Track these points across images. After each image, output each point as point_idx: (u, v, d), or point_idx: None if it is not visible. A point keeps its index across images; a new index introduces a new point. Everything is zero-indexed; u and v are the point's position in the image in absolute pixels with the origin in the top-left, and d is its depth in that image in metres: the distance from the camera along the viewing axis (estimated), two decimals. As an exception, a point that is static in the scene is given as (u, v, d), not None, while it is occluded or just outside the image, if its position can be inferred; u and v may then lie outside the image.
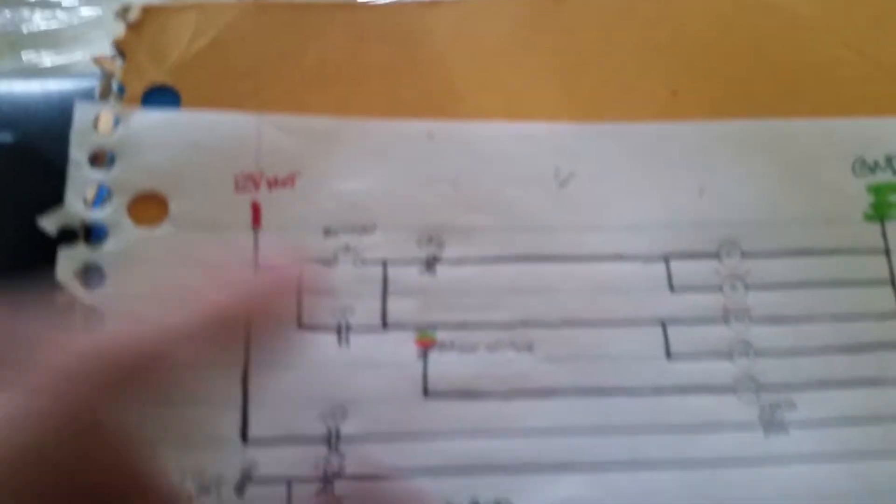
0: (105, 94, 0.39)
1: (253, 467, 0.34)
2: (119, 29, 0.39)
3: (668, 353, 0.36)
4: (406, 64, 0.40)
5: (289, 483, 0.34)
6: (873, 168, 0.39)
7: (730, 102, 0.40)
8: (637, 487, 0.35)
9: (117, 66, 0.39)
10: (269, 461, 0.34)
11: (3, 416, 0.23)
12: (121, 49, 0.39)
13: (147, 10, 0.40)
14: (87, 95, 0.39)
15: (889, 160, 0.39)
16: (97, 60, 0.39)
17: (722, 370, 0.36)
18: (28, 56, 0.46)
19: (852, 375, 0.36)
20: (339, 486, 0.34)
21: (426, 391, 0.35)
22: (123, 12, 0.40)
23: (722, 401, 0.36)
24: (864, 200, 0.39)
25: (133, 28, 0.39)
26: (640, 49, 0.41)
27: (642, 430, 0.35)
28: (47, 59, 0.46)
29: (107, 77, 0.39)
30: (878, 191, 0.39)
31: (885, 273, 0.38)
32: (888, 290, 0.37)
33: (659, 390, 0.36)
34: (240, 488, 0.34)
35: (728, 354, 0.36)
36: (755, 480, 0.35)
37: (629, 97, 0.40)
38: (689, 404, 0.36)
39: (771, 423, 0.36)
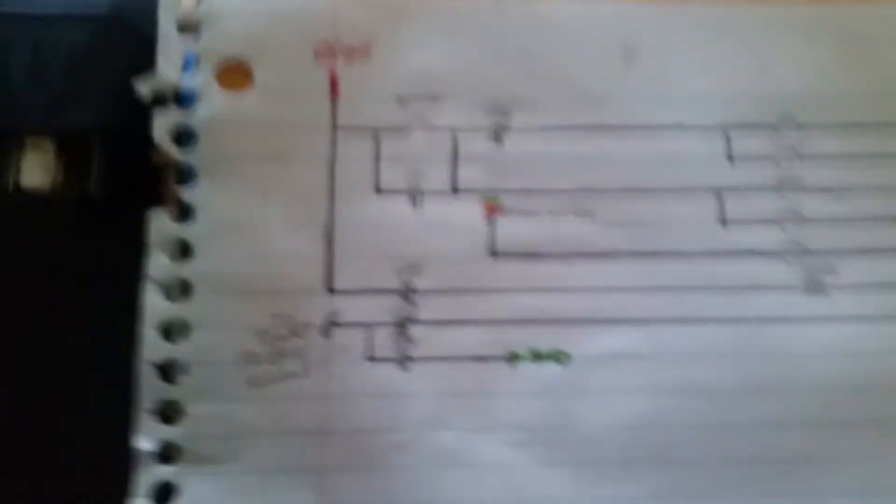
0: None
1: (337, 314, 0.37)
2: None
3: (723, 220, 0.39)
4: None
5: (368, 327, 0.37)
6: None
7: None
8: (684, 340, 0.38)
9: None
10: (351, 309, 0.38)
11: None
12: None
13: None
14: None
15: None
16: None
17: (771, 237, 0.39)
18: None
19: (892, 244, 0.38)
20: (413, 330, 0.38)
21: (492, 252, 0.38)
22: None
23: (769, 264, 0.38)
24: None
25: None
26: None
27: (692, 289, 0.38)
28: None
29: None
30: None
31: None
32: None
33: (711, 254, 0.38)
34: (325, 331, 0.37)
35: (778, 222, 0.39)
36: (795, 337, 0.38)
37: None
38: (738, 267, 0.38)
39: (813, 285, 0.38)
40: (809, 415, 0.37)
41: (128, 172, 0.38)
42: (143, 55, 0.39)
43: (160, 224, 0.38)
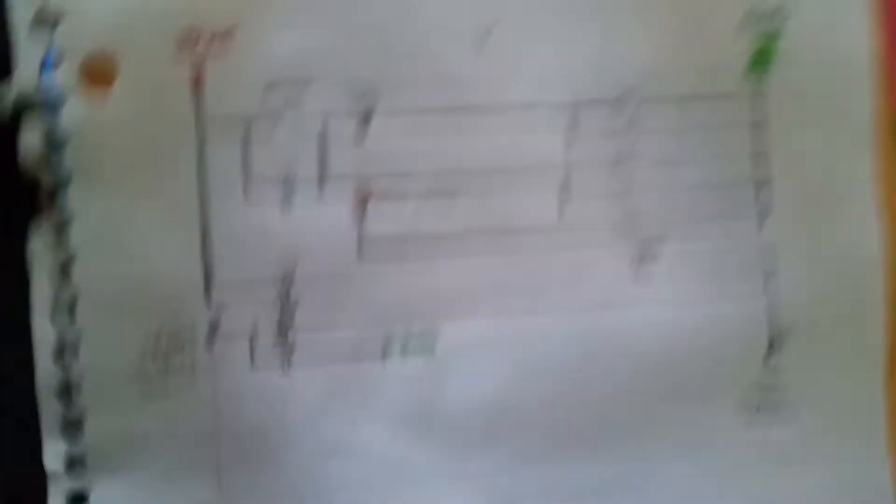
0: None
1: (218, 320, 0.39)
2: None
3: (567, 198, 0.42)
4: None
5: (250, 338, 0.40)
6: (760, 18, 0.43)
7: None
8: (530, 327, 0.42)
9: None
10: (232, 316, 0.39)
11: None
12: None
13: None
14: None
15: (776, 11, 0.43)
16: None
17: (608, 211, 0.42)
18: None
19: (714, 212, 0.43)
20: (293, 334, 0.40)
21: (360, 249, 0.41)
22: None
23: (601, 244, 0.42)
24: (749, 49, 0.43)
25: None
26: None
27: (537, 280, 0.42)
28: None
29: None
30: (762, 39, 0.43)
31: (760, 116, 0.43)
32: (760, 132, 0.43)
33: (553, 238, 0.42)
34: (209, 344, 0.39)
35: (615, 196, 0.42)
36: (624, 320, 0.43)
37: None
38: (576, 255, 0.42)
39: (638, 273, 0.42)
40: (635, 387, 0.42)
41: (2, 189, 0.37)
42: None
43: (38, 242, 0.37)
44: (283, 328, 0.39)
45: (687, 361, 0.42)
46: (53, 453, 0.38)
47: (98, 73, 0.37)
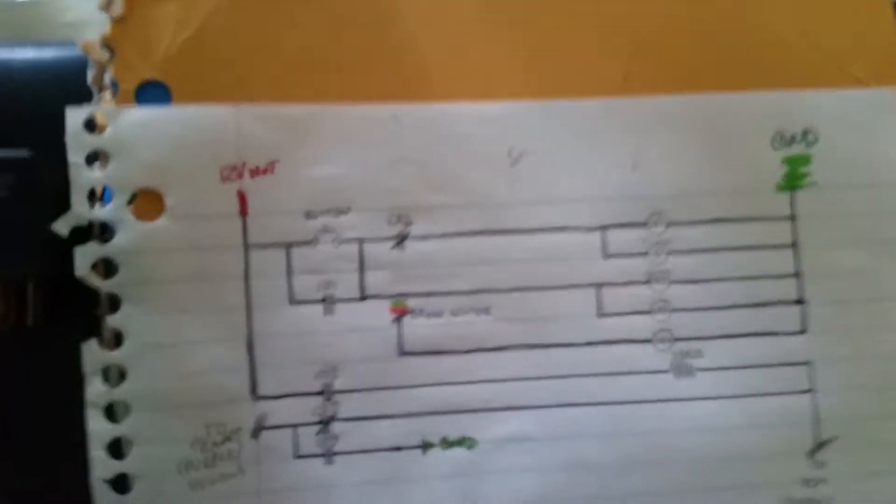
0: (97, 82, 0.41)
1: (264, 418, 0.42)
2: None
3: (600, 312, 0.43)
4: (380, 48, 0.43)
5: (294, 427, 0.42)
6: (790, 141, 0.43)
7: (676, 83, 0.44)
8: (570, 421, 0.43)
9: (106, 56, 0.41)
10: (277, 412, 0.42)
11: None
12: (109, 44, 0.41)
13: (130, 2, 0.41)
14: (80, 86, 0.41)
15: (805, 133, 0.43)
16: (85, 47, 0.41)
17: (643, 324, 0.43)
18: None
19: (751, 328, 0.44)
20: (335, 427, 0.42)
21: (401, 351, 0.43)
22: (107, 5, 0.41)
23: (641, 350, 0.43)
24: (778, 172, 0.44)
25: (118, 22, 0.41)
26: (599, 29, 0.44)
27: (575, 376, 0.43)
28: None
29: (98, 69, 0.41)
30: (791, 162, 0.43)
31: (789, 238, 0.44)
32: (790, 252, 0.44)
33: (590, 344, 0.43)
34: (255, 434, 0.42)
35: (649, 311, 0.43)
36: (665, 416, 0.43)
37: (585, 80, 0.43)
38: (614, 355, 0.43)
39: (681, 368, 0.43)
40: (678, 483, 0.43)
41: (64, 304, 0.41)
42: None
43: (92, 353, 0.41)
44: (327, 419, 0.42)
45: (730, 458, 0.43)
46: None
47: (146, 205, 0.41)
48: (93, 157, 0.41)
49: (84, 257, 0.40)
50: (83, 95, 0.41)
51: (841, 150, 0.44)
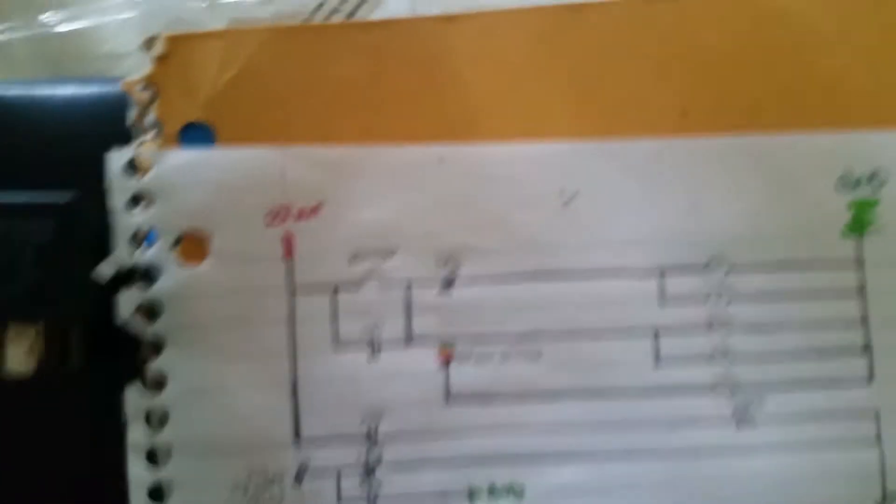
0: (139, 123, 0.41)
1: (307, 462, 0.41)
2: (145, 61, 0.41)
3: (658, 359, 0.41)
4: (425, 85, 0.41)
5: (337, 472, 0.41)
6: (855, 184, 0.41)
7: (736, 121, 0.42)
8: (628, 474, 0.42)
9: (147, 97, 0.40)
10: (320, 457, 0.41)
11: None
12: (151, 84, 0.41)
13: (173, 41, 0.41)
14: (122, 124, 0.41)
15: (872, 176, 0.41)
16: (127, 88, 0.40)
17: (702, 373, 0.41)
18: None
19: (816, 377, 0.42)
20: (379, 472, 0.41)
21: (448, 396, 0.41)
22: (149, 45, 0.40)
23: (701, 400, 0.41)
24: (844, 216, 0.42)
25: (161, 61, 0.41)
26: (655, 64, 0.42)
27: (632, 426, 0.41)
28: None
29: (140, 110, 0.41)
30: (857, 207, 0.42)
31: (855, 283, 0.42)
32: (855, 300, 0.42)
33: (647, 392, 0.41)
34: (298, 479, 0.41)
35: (709, 359, 0.42)
36: (727, 468, 0.41)
37: (642, 116, 0.42)
38: (673, 403, 0.41)
39: (743, 418, 0.41)
40: None
41: (107, 348, 0.41)
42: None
43: (135, 397, 0.40)
44: (370, 467, 0.41)
45: (798, 512, 0.41)
46: None
47: (191, 248, 0.41)
48: (135, 200, 0.40)
49: (127, 302, 0.40)
50: (123, 135, 0.41)
51: (908, 192, 0.41)
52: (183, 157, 0.40)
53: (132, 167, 0.40)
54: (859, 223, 0.42)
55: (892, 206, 0.42)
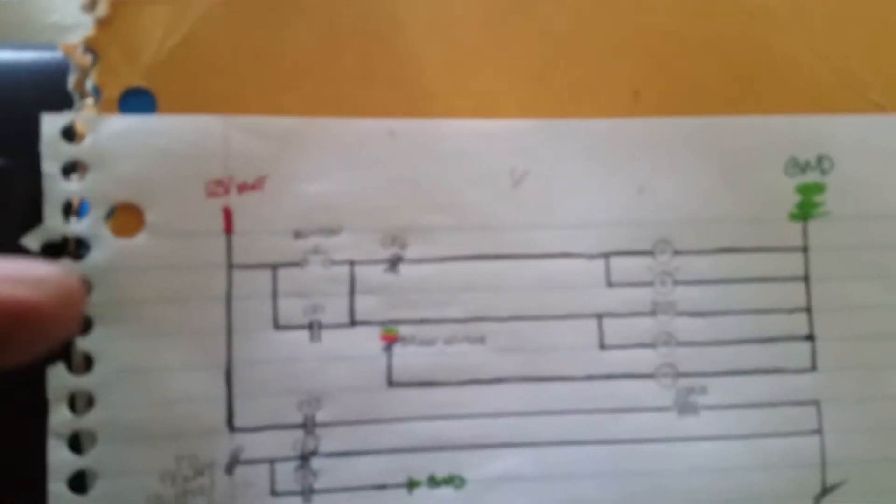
0: (78, 88, 0.39)
1: (240, 451, 0.39)
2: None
3: (602, 344, 0.41)
4: (378, 60, 0.41)
5: (271, 462, 0.39)
6: (804, 168, 0.42)
7: (688, 103, 0.42)
8: (568, 461, 0.41)
9: (88, 61, 0.39)
10: (254, 445, 0.39)
11: None
12: (92, 47, 0.39)
13: (116, 3, 0.39)
14: (61, 91, 0.39)
15: (820, 160, 0.42)
16: (66, 50, 0.39)
17: (646, 358, 0.41)
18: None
19: (759, 364, 0.42)
20: (315, 462, 0.40)
21: (390, 381, 0.40)
22: (90, 6, 0.39)
23: (643, 386, 0.41)
24: (791, 200, 0.42)
25: (103, 24, 0.39)
26: (609, 46, 0.42)
27: (574, 412, 0.41)
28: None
29: (80, 74, 0.39)
30: (805, 191, 0.42)
31: (800, 270, 0.42)
32: (801, 285, 0.42)
33: (591, 377, 0.41)
34: (229, 469, 0.39)
35: (652, 344, 0.41)
36: (667, 455, 0.41)
37: (594, 97, 0.42)
38: (616, 389, 0.41)
39: (685, 406, 0.41)
40: None
41: None
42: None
43: (58, 378, 0.38)
44: (307, 454, 0.40)
45: (734, 500, 0.41)
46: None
47: (125, 221, 0.39)
48: (70, 168, 0.39)
49: (57, 274, 0.37)
50: (63, 102, 0.39)
51: (857, 179, 0.42)
52: (121, 124, 0.39)
53: (69, 134, 0.38)
54: (806, 207, 0.42)
55: (839, 191, 0.42)
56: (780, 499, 0.42)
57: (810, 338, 0.42)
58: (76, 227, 0.38)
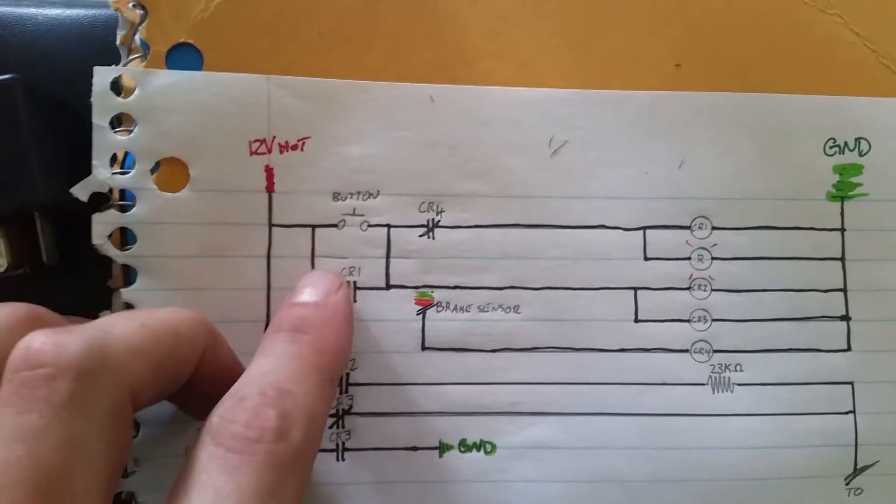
0: (126, 43, 0.40)
1: (276, 407, 0.40)
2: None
3: (636, 317, 0.41)
4: (420, 25, 0.41)
5: (307, 419, 0.40)
6: (842, 149, 0.42)
7: (728, 79, 0.42)
8: (599, 432, 0.41)
9: (137, 14, 0.39)
10: (289, 402, 0.40)
11: None
12: (141, 3, 0.39)
13: (165, -39, 0.39)
14: (110, 47, 0.40)
15: (858, 142, 0.42)
16: (116, 5, 0.39)
17: (681, 332, 0.41)
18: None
19: (794, 343, 0.42)
20: (349, 422, 0.40)
21: (423, 345, 0.41)
22: (141, -37, 0.39)
23: (678, 360, 0.41)
24: (829, 180, 0.42)
25: (152, -21, 0.39)
26: (650, 17, 0.42)
27: (607, 383, 0.41)
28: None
29: (129, 29, 0.40)
30: (842, 171, 0.42)
31: (837, 250, 0.42)
32: (838, 265, 0.42)
33: (624, 349, 0.41)
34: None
35: (688, 319, 0.41)
36: (700, 431, 0.41)
37: (635, 68, 0.42)
38: (649, 363, 0.41)
39: (719, 382, 0.41)
40: (710, 503, 0.41)
41: (78, 240, 0.39)
42: (77, 129, 0.39)
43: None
44: (341, 413, 0.40)
45: (766, 478, 0.41)
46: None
47: (170, 175, 0.39)
48: (117, 122, 0.39)
49: (101, 225, 0.39)
50: (110, 58, 0.40)
51: (893, 161, 0.42)
52: (168, 79, 0.39)
53: (117, 88, 0.39)
54: (843, 187, 0.42)
55: (876, 173, 0.42)
56: (812, 478, 0.41)
57: (845, 318, 0.42)
58: (122, 179, 0.39)
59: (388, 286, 0.40)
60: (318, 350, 0.34)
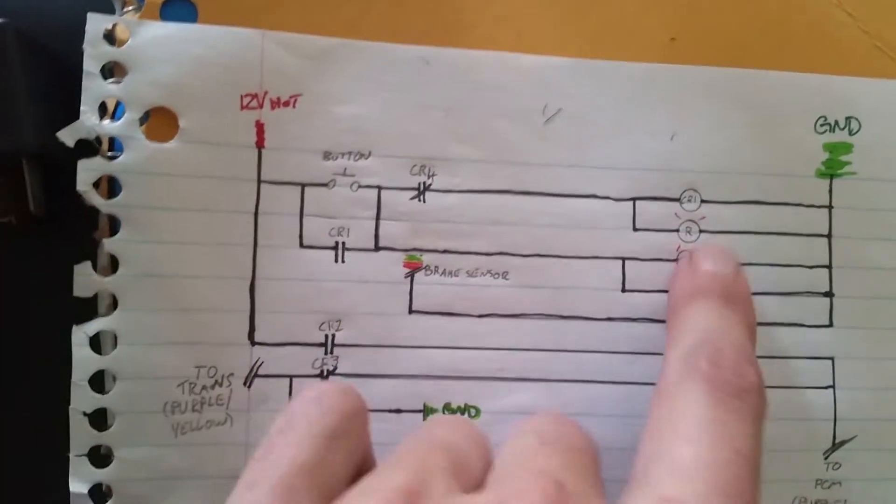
0: (122, -5, 0.39)
1: (259, 365, 0.39)
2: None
3: (623, 286, 0.41)
4: (418, -16, 0.40)
5: (290, 378, 0.40)
6: (833, 127, 0.42)
7: (722, 54, 0.42)
8: (582, 399, 0.41)
9: (132, -35, 0.39)
10: (274, 360, 0.40)
11: None
12: (135, -48, 0.38)
13: (160, -89, 0.38)
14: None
15: (848, 121, 0.42)
16: (110, -45, 0.39)
17: (665, 303, 0.41)
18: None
19: (778, 317, 0.42)
20: (332, 381, 0.40)
21: (411, 308, 0.40)
22: (135, -90, 0.38)
23: (663, 330, 0.41)
24: (819, 157, 0.42)
25: (148, -70, 0.39)
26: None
27: (592, 351, 0.41)
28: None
29: (123, -22, 0.38)
30: (832, 149, 0.42)
31: (824, 227, 0.42)
32: (824, 242, 0.42)
33: (610, 318, 0.41)
34: (248, 382, 0.40)
35: (675, 290, 0.41)
36: (682, 401, 0.41)
37: (631, 40, 0.42)
38: (635, 332, 0.41)
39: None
40: None
41: (65, 191, 0.39)
42: (69, 81, 0.39)
43: (84, 277, 0.39)
44: (325, 373, 0.40)
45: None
46: (80, 477, 0.38)
47: (159, 126, 0.39)
48: (109, 72, 0.39)
49: (87, 172, 0.38)
50: (106, 10, 0.39)
51: (883, 142, 0.43)
52: (161, 30, 0.39)
53: (110, 38, 0.38)
54: (833, 165, 0.42)
55: (864, 152, 0.42)
56: (792, 451, 0.42)
57: (829, 294, 0.42)
58: (111, 127, 0.38)
59: (377, 248, 0.40)
60: (750, 324, 0.37)
